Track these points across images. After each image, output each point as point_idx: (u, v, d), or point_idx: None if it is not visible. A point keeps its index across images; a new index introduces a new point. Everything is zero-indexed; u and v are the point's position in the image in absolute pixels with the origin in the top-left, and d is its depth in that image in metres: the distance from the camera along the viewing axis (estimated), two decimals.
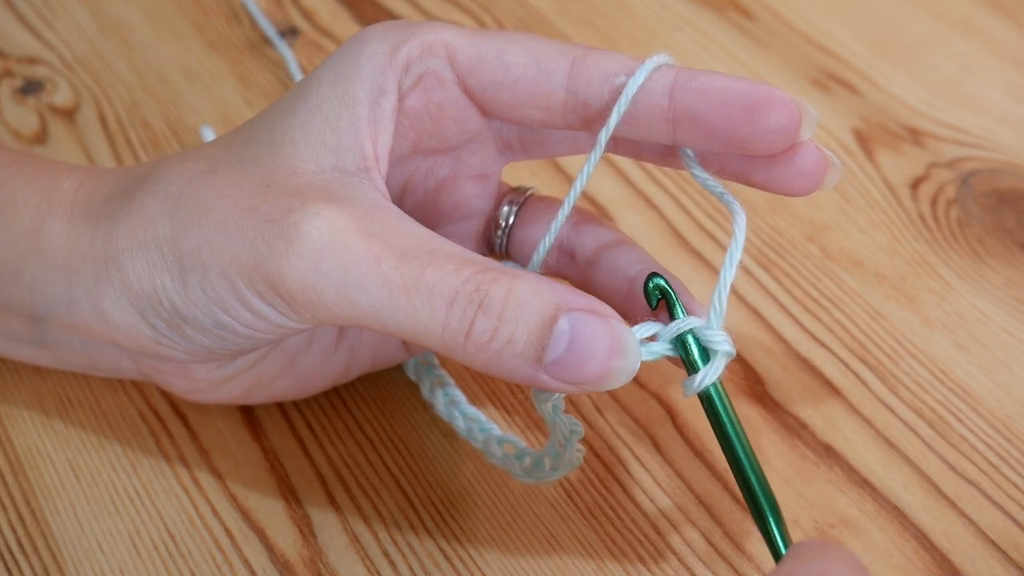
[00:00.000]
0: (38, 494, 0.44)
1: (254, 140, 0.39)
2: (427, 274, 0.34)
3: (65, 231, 0.40)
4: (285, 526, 0.43)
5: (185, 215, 0.38)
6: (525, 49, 0.39)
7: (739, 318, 0.49)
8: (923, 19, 0.62)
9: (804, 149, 0.38)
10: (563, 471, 0.41)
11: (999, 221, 0.52)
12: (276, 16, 0.63)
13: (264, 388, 0.44)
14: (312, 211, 0.35)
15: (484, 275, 0.34)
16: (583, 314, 0.34)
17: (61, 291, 0.40)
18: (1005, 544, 0.42)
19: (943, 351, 0.47)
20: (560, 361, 0.34)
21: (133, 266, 0.38)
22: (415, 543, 0.42)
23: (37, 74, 0.60)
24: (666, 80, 0.38)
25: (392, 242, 0.35)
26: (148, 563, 0.42)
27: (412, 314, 0.34)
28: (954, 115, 0.57)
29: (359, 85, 0.38)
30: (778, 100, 0.37)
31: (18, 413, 0.46)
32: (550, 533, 0.43)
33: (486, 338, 0.34)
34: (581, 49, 0.39)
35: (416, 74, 0.39)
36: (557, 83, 0.38)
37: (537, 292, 0.34)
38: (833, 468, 0.44)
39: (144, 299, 0.38)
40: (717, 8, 0.63)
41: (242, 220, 0.36)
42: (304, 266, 0.35)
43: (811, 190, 0.38)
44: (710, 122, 0.37)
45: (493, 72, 0.39)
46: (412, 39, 0.39)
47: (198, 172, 0.39)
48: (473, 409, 0.44)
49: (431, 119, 0.40)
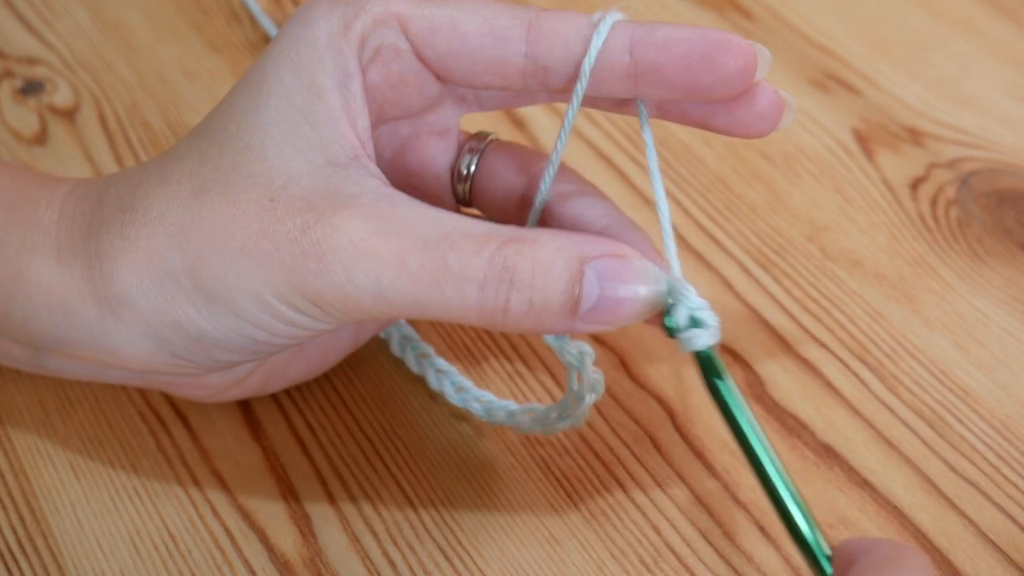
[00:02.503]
0: (38, 494, 0.44)
1: (228, 146, 0.38)
2: (450, 262, 0.35)
3: (56, 271, 0.39)
4: (285, 526, 0.43)
5: (197, 245, 0.37)
6: (479, 16, 0.38)
7: (739, 318, 0.49)
8: (923, 19, 0.62)
9: (761, 91, 0.38)
10: (569, 424, 0.43)
11: (999, 221, 0.52)
12: (276, 16, 0.63)
13: (277, 379, 0.44)
14: (329, 225, 0.36)
15: (506, 249, 0.36)
16: (605, 260, 0.36)
17: (58, 331, 0.39)
18: (1005, 544, 0.42)
19: (943, 351, 0.47)
20: (594, 308, 0.36)
21: (148, 301, 0.37)
22: (415, 543, 0.42)
23: (37, 74, 0.60)
24: (624, 37, 0.37)
25: (409, 235, 0.36)
26: (148, 563, 0.42)
27: (445, 303, 0.36)
28: (954, 115, 0.57)
29: (323, 72, 0.38)
30: (733, 45, 0.37)
31: (18, 413, 0.46)
32: (550, 533, 0.43)
33: (523, 310, 0.36)
34: (535, 12, 0.38)
35: (372, 48, 0.38)
36: (515, 49, 0.38)
37: (559, 251, 0.36)
38: (833, 468, 0.44)
39: (166, 331, 0.38)
40: (717, 8, 0.63)
41: (262, 242, 0.36)
42: (338, 280, 0.36)
43: (770, 131, 0.39)
44: (671, 74, 0.37)
45: (448, 42, 0.38)
46: (362, 13, 0.38)
47: (189, 195, 0.38)
48: (485, 392, 0.45)
49: (392, 90, 0.40)
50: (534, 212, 0.41)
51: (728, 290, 0.50)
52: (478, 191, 0.43)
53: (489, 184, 0.43)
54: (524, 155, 0.43)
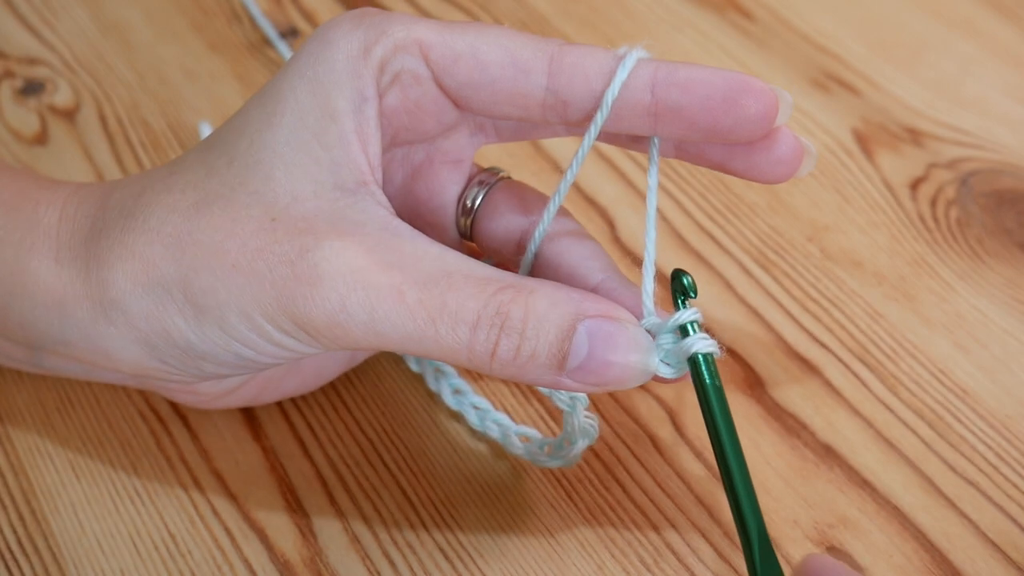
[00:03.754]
0: (38, 494, 0.44)
1: (237, 161, 0.38)
2: (448, 301, 0.35)
3: (54, 272, 0.39)
4: (285, 526, 0.43)
5: (192, 257, 0.37)
6: (501, 47, 0.38)
7: (739, 318, 0.49)
8: (923, 19, 0.62)
9: (781, 137, 0.38)
10: (559, 464, 0.43)
11: (999, 221, 0.52)
12: (276, 16, 0.63)
13: (271, 392, 0.44)
14: (329, 250, 0.36)
15: (503, 295, 0.35)
16: (599, 320, 0.36)
17: (55, 331, 0.39)
18: (1005, 544, 0.42)
19: (943, 351, 0.47)
20: (581, 367, 0.35)
21: (140, 308, 0.37)
22: (415, 543, 0.42)
23: (37, 75, 0.60)
24: (647, 75, 0.37)
25: (410, 269, 0.36)
26: (148, 563, 0.42)
27: (438, 340, 0.35)
28: (954, 115, 0.57)
29: (339, 94, 0.37)
30: (755, 89, 0.37)
31: (18, 413, 0.46)
32: (550, 533, 0.43)
33: (510, 356, 0.36)
34: (558, 46, 0.38)
35: (392, 73, 0.38)
36: (536, 83, 0.38)
37: (554, 304, 0.36)
38: (833, 468, 0.44)
39: (155, 339, 0.38)
40: (717, 8, 0.63)
41: (257, 261, 0.36)
42: (331, 307, 0.35)
43: (788, 177, 0.39)
44: (692, 114, 0.37)
45: (470, 72, 0.38)
46: (383, 38, 0.38)
47: (191, 206, 0.37)
48: (481, 398, 0.45)
49: (408, 115, 0.39)
50: (527, 257, 0.40)
51: (728, 290, 0.50)
52: (478, 227, 0.42)
53: (490, 222, 0.42)
54: (529, 197, 0.42)
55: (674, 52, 0.60)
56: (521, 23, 0.62)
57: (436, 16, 0.63)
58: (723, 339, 0.48)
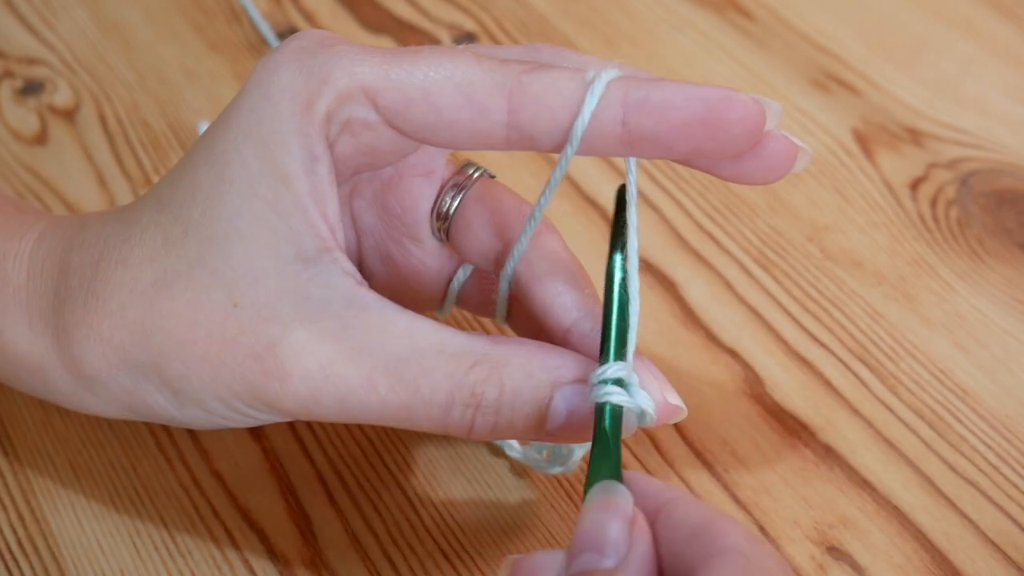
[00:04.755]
0: (38, 494, 0.44)
1: (192, 232, 0.36)
2: (421, 386, 0.35)
3: (29, 339, 0.39)
4: (285, 526, 0.43)
5: (159, 347, 0.36)
6: (454, 85, 0.35)
7: (739, 318, 0.49)
8: (923, 19, 0.62)
9: (772, 142, 0.35)
10: (560, 470, 0.43)
11: (999, 221, 0.52)
12: (276, 17, 0.63)
13: None
14: (295, 345, 0.35)
15: (475, 373, 0.35)
16: (576, 387, 0.35)
17: (38, 393, 0.40)
18: (1005, 544, 0.42)
19: (943, 351, 0.47)
20: (563, 426, 0.36)
21: (118, 385, 0.38)
22: (415, 543, 0.42)
23: (37, 75, 0.60)
24: (617, 103, 0.34)
25: (380, 352, 0.35)
26: (148, 563, 0.42)
27: (413, 422, 0.36)
28: (954, 115, 0.57)
29: (288, 157, 0.35)
30: (737, 104, 0.34)
31: (18, 413, 0.46)
32: (550, 533, 0.43)
33: (487, 430, 0.36)
34: (517, 76, 0.35)
35: (339, 123, 0.35)
36: (496, 121, 0.35)
37: (529, 377, 0.35)
38: (833, 468, 0.44)
39: (139, 408, 0.38)
40: (717, 8, 0.63)
41: (224, 353, 0.36)
42: (302, 399, 0.36)
43: (779, 178, 0.36)
44: (670, 142, 0.34)
45: (424, 116, 0.35)
46: (325, 88, 0.35)
47: (150, 285, 0.37)
48: None
49: (365, 156, 0.37)
50: (501, 296, 0.40)
51: (728, 290, 0.50)
52: (454, 240, 0.41)
53: (465, 239, 0.40)
54: (505, 209, 0.40)
55: (674, 52, 0.60)
56: (521, 23, 0.62)
57: (436, 16, 0.63)
58: (723, 339, 0.48)
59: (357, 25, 0.63)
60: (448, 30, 0.62)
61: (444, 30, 0.62)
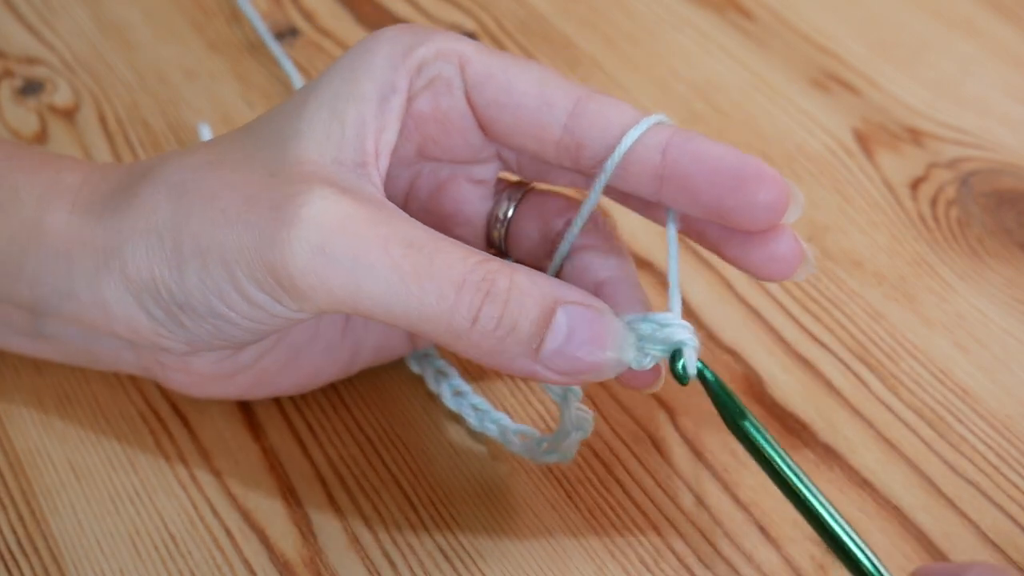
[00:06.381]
0: (38, 494, 0.44)
1: (262, 135, 0.39)
2: (436, 260, 0.35)
3: (66, 221, 0.40)
4: (285, 526, 0.43)
5: (188, 202, 0.38)
6: (533, 77, 0.39)
7: (739, 318, 0.49)
8: (923, 19, 0.62)
9: (782, 234, 0.38)
10: (556, 459, 0.43)
11: (999, 221, 0.52)
12: (276, 16, 0.63)
13: (267, 385, 0.44)
14: (319, 194, 0.36)
15: (489, 264, 0.36)
16: (578, 307, 0.36)
17: (62, 282, 0.40)
18: (1005, 544, 0.42)
19: (943, 351, 0.47)
20: (558, 351, 0.35)
21: (132, 255, 0.38)
22: (415, 543, 0.42)
23: (37, 74, 0.60)
24: (662, 137, 0.38)
25: (399, 229, 0.36)
26: (148, 563, 0.42)
27: (421, 299, 0.35)
28: (954, 115, 0.57)
29: (369, 81, 0.39)
30: (768, 176, 0.37)
31: (17, 412, 0.46)
32: (550, 533, 0.43)
33: (491, 325, 0.35)
34: (587, 91, 0.39)
35: (428, 77, 0.39)
36: (556, 118, 0.39)
37: (536, 284, 0.36)
38: (833, 468, 0.44)
39: (142, 288, 0.38)
40: (717, 8, 0.63)
41: (245, 207, 0.36)
42: (310, 248, 0.35)
43: (780, 278, 0.39)
44: (697, 186, 0.37)
45: (498, 92, 0.39)
46: (428, 42, 0.39)
47: (204, 163, 0.39)
48: (481, 399, 0.45)
49: (436, 124, 0.40)
50: (555, 262, 0.41)
51: (728, 290, 0.50)
52: (512, 235, 0.43)
53: (521, 232, 0.43)
54: (552, 209, 0.43)
55: (674, 52, 0.60)
56: (521, 22, 0.62)
57: (436, 16, 0.63)
58: (723, 339, 0.48)
59: (357, 24, 0.63)
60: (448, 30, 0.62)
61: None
